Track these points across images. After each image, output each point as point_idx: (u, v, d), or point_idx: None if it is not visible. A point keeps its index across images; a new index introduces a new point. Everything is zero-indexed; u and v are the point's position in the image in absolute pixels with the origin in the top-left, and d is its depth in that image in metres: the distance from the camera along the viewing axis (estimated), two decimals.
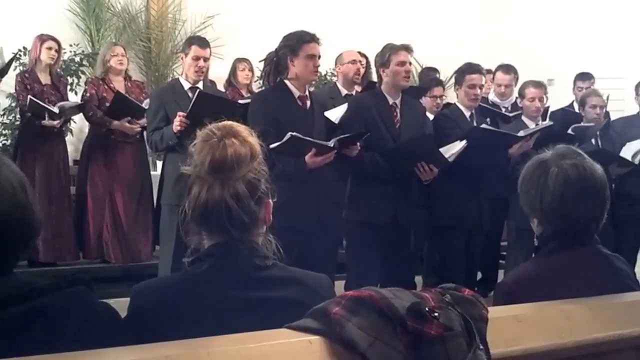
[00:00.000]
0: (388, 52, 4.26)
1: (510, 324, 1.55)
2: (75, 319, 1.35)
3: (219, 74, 6.56)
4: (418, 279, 5.41)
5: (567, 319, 1.63)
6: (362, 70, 5.38)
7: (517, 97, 5.43)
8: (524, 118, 5.12)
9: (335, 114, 4.44)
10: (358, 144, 4.04)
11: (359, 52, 5.49)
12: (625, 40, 8.68)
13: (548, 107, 5.84)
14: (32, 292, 1.34)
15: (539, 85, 5.12)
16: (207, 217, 1.55)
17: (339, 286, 4.52)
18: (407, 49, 4.29)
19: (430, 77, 6.24)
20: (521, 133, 4.67)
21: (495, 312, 1.51)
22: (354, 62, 5.33)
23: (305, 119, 3.96)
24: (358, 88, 5.42)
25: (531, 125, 4.99)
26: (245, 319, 1.47)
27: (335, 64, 5.59)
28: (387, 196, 4.20)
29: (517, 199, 2.07)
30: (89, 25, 7.74)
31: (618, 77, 7.71)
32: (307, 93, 4.04)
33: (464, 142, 4.31)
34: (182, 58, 4.79)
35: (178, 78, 4.91)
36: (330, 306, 1.39)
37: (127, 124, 5.64)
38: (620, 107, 6.74)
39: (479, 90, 4.78)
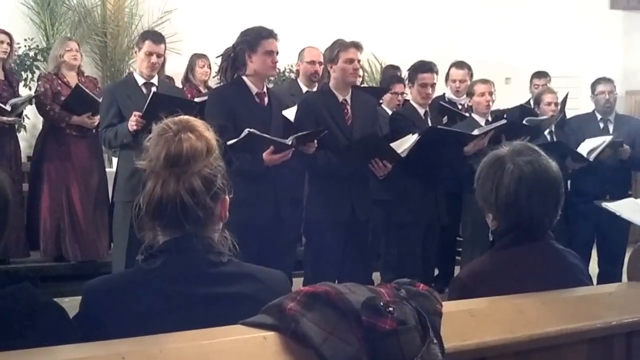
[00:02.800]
0: (337, 49, 4.22)
1: (463, 318, 1.57)
2: (20, 316, 1.33)
3: (176, 69, 6.51)
4: (376, 276, 5.44)
5: (519, 313, 1.65)
6: (320, 72, 5.37)
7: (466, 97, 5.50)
8: (474, 115, 5.17)
9: (292, 113, 4.42)
10: (315, 141, 4.03)
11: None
12: (580, 38, 8.83)
13: (504, 111, 5.92)
14: None
15: (487, 81, 5.20)
16: (162, 212, 1.54)
17: (298, 283, 4.51)
18: (357, 46, 4.25)
19: (391, 74, 6.27)
20: (475, 132, 4.73)
21: (449, 307, 1.53)
22: (312, 62, 5.28)
23: (263, 116, 3.93)
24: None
25: (482, 121, 5.06)
26: (199, 315, 1.46)
27: (298, 58, 5.56)
28: (345, 192, 4.20)
29: (471, 194, 2.09)
30: (44, 19, 7.59)
31: (573, 76, 7.86)
32: (265, 89, 4.02)
33: (415, 136, 4.33)
34: (135, 52, 4.72)
35: (132, 73, 4.84)
36: (285, 302, 1.39)
37: (86, 119, 5.56)
38: (575, 105, 6.87)
39: (430, 90, 4.79)
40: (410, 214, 4.71)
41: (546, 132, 5.41)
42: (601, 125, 5.42)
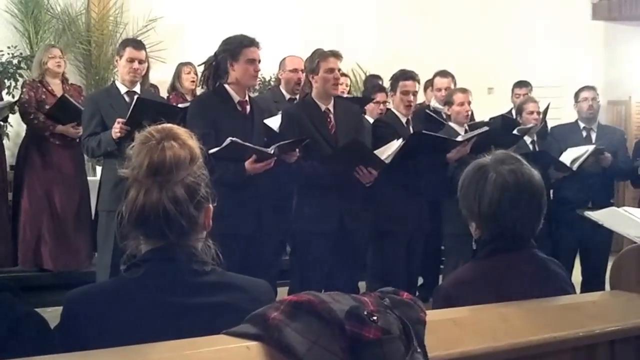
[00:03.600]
0: (317, 59, 4.23)
1: (447, 326, 1.56)
2: (0, 327, 1.31)
3: (161, 77, 6.48)
4: (362, 285, 5.43)
5: (503, 322, 1.65)
6: (302, 80, 5.39)
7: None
8: (452, 124, 5.19)
9: (275, 122, 4.42)
10: (297, 150, 4.02)
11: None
12: (562, 49, 8.90)
13: (487, 123, 5.96)
14: None
15: (465, 90, 5.25)
16: (145, 221, 1.53)
17: (283, 292, 4.50)
18: (336, 55, 4.26)
19: (373, 83, 6.29)
20: (459, 138, 4.75)
21: (433, 315, 1.52)
22: (295, 70, 5.31)
23: (245, 124, 3.92)
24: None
25: (460, 130, 5.08)
26: (183, 325, 1.45)
27: (279, 68, 5.58)
28: (333, 202, 4.19)
29: (450, 203, 2.10)
30: (28, 27, 7.54)
31: (556, 86, 7.92)
32: (247, 98, 4.00)
33: (399, 142, 4.34)
34: (116, 61, 4.71)
35: (114, 82, 4.84)
36: (268, 311, 1.38)
37: (71, 129, 5.53)
38: (557, 115, 6.92)
39: (412, 97, 4.82)
40: (394, 223, 4.71)
41: (528, 142, 5.45)
42: (584, 134, 5.46)
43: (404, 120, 4.84)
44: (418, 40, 8.84)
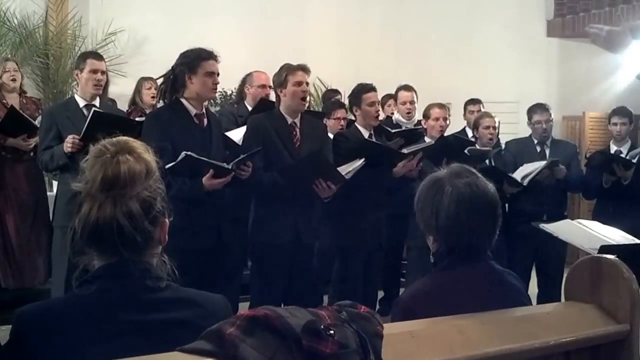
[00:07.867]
0: (285, 73, 4.26)
1: (404, 339, 1.56)
2: None
3: (120, 91, 6.42)
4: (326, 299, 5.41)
5: (459, 334, 1.66)
6: (270, 96, 5.40)
7: (420, 120, 5.57)
8: (427, 139, 5.23)
9: (238, 135, 4.40)
10: (249, 164, 3.94)
11: None
12: (518, 65, 9.04)
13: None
14: None
15: (443, 106, 5.32)
16: (98, 237, 1.50)
17: (245, 307, 4.47)
18: (304, 69, 4.29)
19: (331, 99, 6.30)
20: (405, 151, 4.76)
21: (390, 328, 1.52)
22: (263, 86, 5.33)
23: (202, 138, 3.89)
24: None
25: None
26: (136, 343, 1.42)
27: (245, 83, 5.56)
28: (290, 215, 4.19)
29: (414, 216, 2.11)
30: None
31: (512, 102, 8.03)
32: (204, 111, 3.98)
33: (362, 160, 4.36)
34: (77, 75, 4.65)
35: (73, 95, 4.78)
36: (224, 327, 1.36)
37: (21, 141, 5.43)
38: (514, 130, 7.02)
39: (379, 107, 4.89)
40: (352, 237, 4.71)
41: None
42: (538, 149, 5.56)
43: (366, 134, 4.87)
44: (378, 55, 8.89)
